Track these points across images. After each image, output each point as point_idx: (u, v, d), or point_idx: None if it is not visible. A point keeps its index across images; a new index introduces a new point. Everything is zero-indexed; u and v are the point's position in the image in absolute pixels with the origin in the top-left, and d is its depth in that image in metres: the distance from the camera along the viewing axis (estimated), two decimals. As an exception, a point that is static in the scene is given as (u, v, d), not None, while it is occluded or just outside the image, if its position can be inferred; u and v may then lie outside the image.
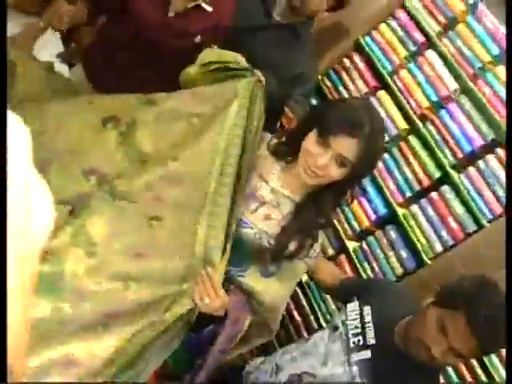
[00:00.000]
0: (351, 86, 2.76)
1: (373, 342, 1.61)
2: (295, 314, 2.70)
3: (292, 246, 1.56)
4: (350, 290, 1.82)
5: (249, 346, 1.78)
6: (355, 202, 2.41)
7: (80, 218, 1.42)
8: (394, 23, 2.64)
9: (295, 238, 1.56)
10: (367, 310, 1.68)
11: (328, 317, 2.58)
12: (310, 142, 1.48)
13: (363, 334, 1.64)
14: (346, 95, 2.77)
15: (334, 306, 2.59)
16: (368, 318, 1.66)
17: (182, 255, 1.45)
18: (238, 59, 1.61)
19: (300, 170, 1.50)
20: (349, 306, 1.73)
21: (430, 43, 2.54)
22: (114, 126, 1.58)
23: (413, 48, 2.57)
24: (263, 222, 1.57)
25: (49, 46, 2.17)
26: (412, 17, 2.59)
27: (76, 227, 1.40)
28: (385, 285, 2.01)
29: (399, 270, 2.44)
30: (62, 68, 2.15)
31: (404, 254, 2.44)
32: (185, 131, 1.57)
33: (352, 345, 1.63)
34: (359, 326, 1.66)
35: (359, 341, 1.63)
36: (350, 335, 1.65)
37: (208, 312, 1.47)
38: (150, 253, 1.44)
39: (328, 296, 2.53)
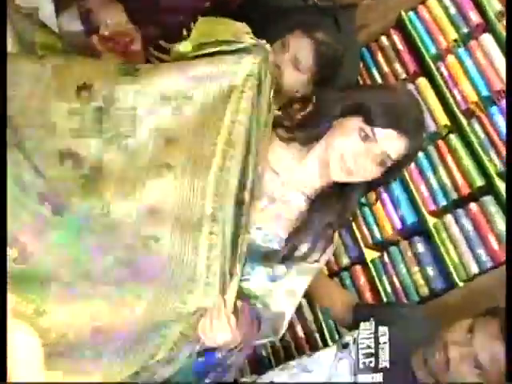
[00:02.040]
0: (386, 69, 2.57)
1: (386, 365, 1.57)
2: (298, 328, 2.53)
3: (304, 248, 1.51)
4: (365, 315, 1.73)
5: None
6: (379, 204, 2.27)
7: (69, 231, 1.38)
8: (445, -2, 2.43)
9: (308, 239, 1.51)
10: (383, 330, 1.63)
11: (336, 336, 2.40)
12: (351, 135, 1.40)
13: (376, 355, 1.59)
14: (379, 79, 2.58)
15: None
16: (383, 339, 1.61)
17: (180, 283, 1.37)
18: (243, 33, 1.45)
19: (333, 164, 1.43)
20: (362, 324, 1.67)
21: (486, 26, 2.33)
22: (89, 97, 1.44)
23: (465, 30, 2.36)
24: (274, 222, 1.51)
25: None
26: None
27: (64, 232, 1.37)
28: (406, 308, 1.94)
29: (424, 290, 2.27)
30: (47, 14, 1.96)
31: (431, 271, 2.27)
32: (172, 115, 1.43)
33: (362, 366, 1.59)
34: (372, 346, 1.61)
35: (371, 362, 1.59)
36: (360, 355, 1.60)
37: (215, 346, 1.41)
38: (148, 274, 1.38)
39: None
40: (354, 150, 1.40)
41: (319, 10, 2.03)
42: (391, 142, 1.38)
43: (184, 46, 1.50)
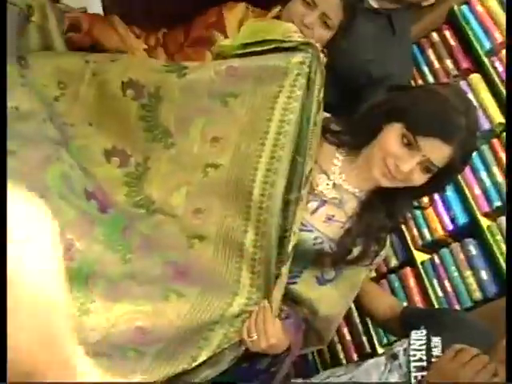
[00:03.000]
0: (437, 65, 2.48)
1: None
2: (345, 332, 2.48)
3: (356, 251, 1.49)
4: (415, 321, 1.64)
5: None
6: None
7: (114, 229, 1.38)
8: (501, -10, 2.32)
9: (360, 242, 1.49)
10: (436, 341, 1.53)
11: (384, 340, 2.35)
12: (393, 140, 1.38)
13: (428, 369, 1.47)
14: (430, 76, 2.49)
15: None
16: (437, 352, 1.50)
17: (225, 285, 1.37)
18: (292, 32, 1.44)
19: (375, 170, 1.41)
20: (413, 333, 1.58)
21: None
22: (135, 95, 1.43)
23: None
24: (325, 224, 1.48)
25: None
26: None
27: (109, 230, 1.37)
28: (458, 316, 1.82)
29: (477, 294, 2.19)
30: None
31: (485, 275, 2.19)
32: (219, 114, 1.42)
33: (413, 380, 1.49)
34: (424, 358, 1.51)
35: (423, 376, 1.48)
36: (411, 367, 1.51)
37: (258, 351, 1.37)
38: (192, 274, 1.38)
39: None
40: (396, 156, 1.37)
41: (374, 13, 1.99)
42: (434, 150, 1.34)
43: (230, 42, 1.49)
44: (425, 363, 1.50)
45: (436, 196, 2.27)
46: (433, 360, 1.49)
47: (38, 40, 1.57)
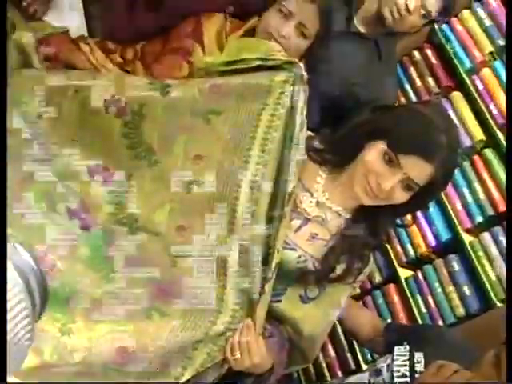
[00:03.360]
0: (418, 83, 2.52)
1: None
2: (330, 348, 2.48)
3: (339, 269, 1.46)
4: (398, 338, 1.62)
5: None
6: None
7: (96, 248, 1.38)
8: (480, 10, 2.37)
9: (343, 260, 1.46)
10: (419, 356, 1.51)
11: (368, 356, 2.34)
12: (375, 157, 1.37)
13: None
14: (412, 94, 2.53)
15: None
16: (419, 367, 1.49)
17: (208, 301, 1.37)
18: (275, 51, 1.45)
19: (357, 188, 1.40)
20: (397, 348, 1.56)
21: (524, 38, 2.25)
22: (118, 112, 1.42)
23: (501, 42, 2.29)
24: (308, 242, 1.46)
25: (68, 10, 2.03)
26: (504, 2, 2.29)
27: (92, 249, 1.37)
28: (441, 331, 1.80)
29: (460, 310, 2.20)
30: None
31: (468, 290, 2.21)
32: (202, 132, 1.42)
33: None
34: (407, 374, 1.49)
35: None
36: (395, 383, 1.49)
37: (241, 369, 1.35)
38: (175, 292, 1.37)
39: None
40: (377, 173, 1.36)
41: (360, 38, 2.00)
42: (416, 168, 1.33)
43: (215, 59, 1.51)
44: (408, 379, 1.48)
45: (419, 213, 2.30)
46: (416, 376, 1.47)
47: (17, 57, 1.56)
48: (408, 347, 1.55)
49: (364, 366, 2.32)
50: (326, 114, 1.92)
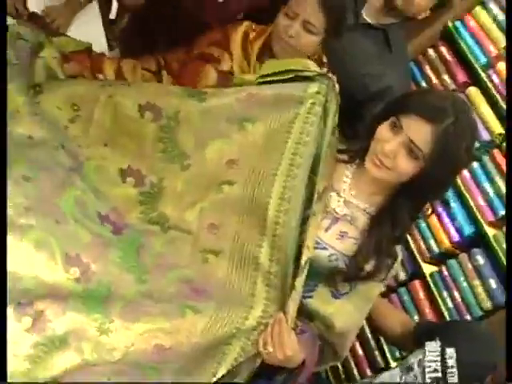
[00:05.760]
0: (435, 81, 2.52)
1: None
2: (358, 347, 2.48)
3: (369, 267, 1.47)
4: (429, 337, 1.60)
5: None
6: (435, 217, 2.21)
7: (129, 250, 1.40)
8: (492, 5, 2.38)
9: (372, 257, 1.48)
10: (451, 352, 1.51)
11: (397, 353, 2.34)
12: (384, 128, 1.40)
13: (444, 379, 1.48)
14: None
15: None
16: (451, 362, 1.49)
17: (241, 299, 1.38)
18: (310, 65, 1.52)
19: (368, 161, 1.43)
20: (428, 344, 1.56)
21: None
22: (154, 117, 1.47)
23: None
24: (338, 241, 1.49)
25: (89, 24, 2.11)
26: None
27: (124, 251, 1.39)
28: (471, 327, 1.80)
29: (487, 304, 2.19)
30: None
31: (493, 284, 2.20)
32: (236, 138, 1.46)
33: None
34: (439, 369, 1.50)
35: None
36: (427, 379, 1.50)
37: (274, 363, 1.36)
38: (207, 289, 1.40)
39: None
40: (383, 140, 1.39)
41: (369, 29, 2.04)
42: (415, 129, 1.34)
43: (250, 76, 1.58)
44: (440, 374, 1.49)
45: (441, 209, 2.31)
46: (448, 371, 1.48)
47: (45, 73, 1.61)
48: (439, 342, 1.55)
49: (393, 364, 2.32)
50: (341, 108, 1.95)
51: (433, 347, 1.54)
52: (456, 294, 2.28)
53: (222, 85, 1.69)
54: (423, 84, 2.55)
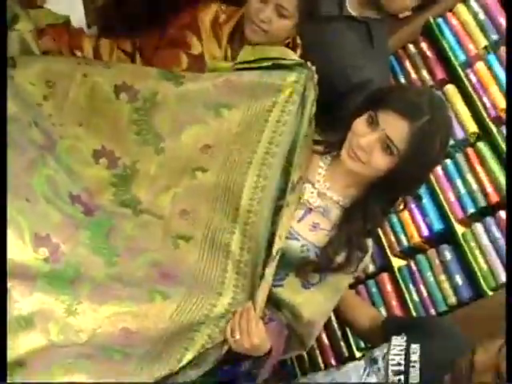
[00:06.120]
0: (413, 75, 2.51)
1: None
2: (323, 337, 2.48)
3: (340, 258, 1.50)
4: (396, 332, 1.63)
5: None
6: (406, 212, 2.24)
7: (99, 232, 1.40)
8: (474, 4, 2.37)
9: (343, 249, 1.50)
10: (415, 347, 1.54)
11: (362, 344, 2.35)
12: (360, 122, 1.41)
13: (406, 373, 1.50)
14: (407, 86, 2.52)
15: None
16: (415, 357, 1.52)
17: (210, 285, 1.39)
18: (289, 54, 1.53)
19: (343, 153, 1.44)
20: (394, 339, 1.58)
21: (517, 32, 2.27)
22: (129, 98, 1.46)
23: (495, 36, 2.30)
24: (311, 232, 1.51)
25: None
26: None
27: (94, 233, 1.39)
28: (437, 323, 1.82)
29: (452, 299, 2.21)
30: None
31: (459, 280, 2.21)
32: (212, 124, 1.46)
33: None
34: (402, 363, 1.52)
35: (399, 380, 1.51)
36: (389, 371, 1.52)
37: (241, 351, 1.38)
38: (177, 275, 1.40)
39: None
40: (359, 134, 1.39)
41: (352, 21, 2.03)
42: (392, 125, 1.35)
43: (226, 63, 1.58)
44: (402, 367, 1.51)
45: (412, 204, 2.32)
46: (410, 365, 1.50)
47: (18, 47, 1.57)
48: (405, 337, 1.57)
49: (357, 354, 2.34)
50: (323, 103, 1.95)
51: (398, 342, 1.57)
52: (423, 288, 2.29)
53: (194, 69, 1.68)
54: (402, 78, 2.54)
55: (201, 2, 1.84)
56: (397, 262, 2.41)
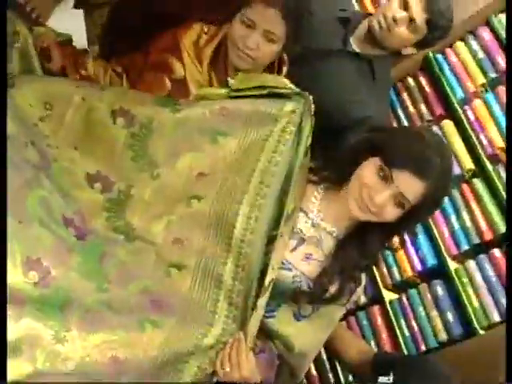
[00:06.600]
0: (411, 109, 2.54)
1: None
2: (312, 368, 2.47)
3: (332, 290, 1.48)
4: (386, 368, 1.60)
5: None
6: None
7: (91, 257, 1.37)
8: (473, 42, 2.40)
9: (336, 281, 1.48)
10: None
11: (350, 377, 2.34)
12: (370, 172, 1.39)
13: None
14: (404, 119, 2.55)
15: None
16: None
17: (201, 315, 1.37)
18: (285, 82, 1.52)
19: (351, 201, 1.42)
20: (381, 378, 1.56)
21: (515, 71, 2.29)
22: (126, 123, 1.45)
23: (493, 75, 2.33)
24: (303, 262, 1.49)
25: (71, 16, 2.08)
26: (497, 37, 2.33)
27: (86, 258, 1.35)
28: (429, 365, 1.76)
29: (443, 336, 2.21)
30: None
31: (451, 316, 2.21)
32: (208, 151, 1.45)
33: None
34: None
35: None
36: None
37: (231, 382, 1.35)
38: (169, 304, 1.38)
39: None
40: (371, 187, 1.38)
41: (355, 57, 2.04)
42: (407, 184, 1.35)
43: (222, 90, 1.55)
44: None
45: (406, 237, 2.31)
46: None
47: (20, 65, 1.56)
48: (392, 378, 1.54)
49: (345, 387, 2.32)
50: (321, 133, 1.95)
51: (385, 380, 1.54)
52: (413, 323, 2.29)
53: (177, 94, 1.66)
54: (399, 111, 2.56)
55: (182, 23, 1.80)
56: (388, 296, 2.41)
